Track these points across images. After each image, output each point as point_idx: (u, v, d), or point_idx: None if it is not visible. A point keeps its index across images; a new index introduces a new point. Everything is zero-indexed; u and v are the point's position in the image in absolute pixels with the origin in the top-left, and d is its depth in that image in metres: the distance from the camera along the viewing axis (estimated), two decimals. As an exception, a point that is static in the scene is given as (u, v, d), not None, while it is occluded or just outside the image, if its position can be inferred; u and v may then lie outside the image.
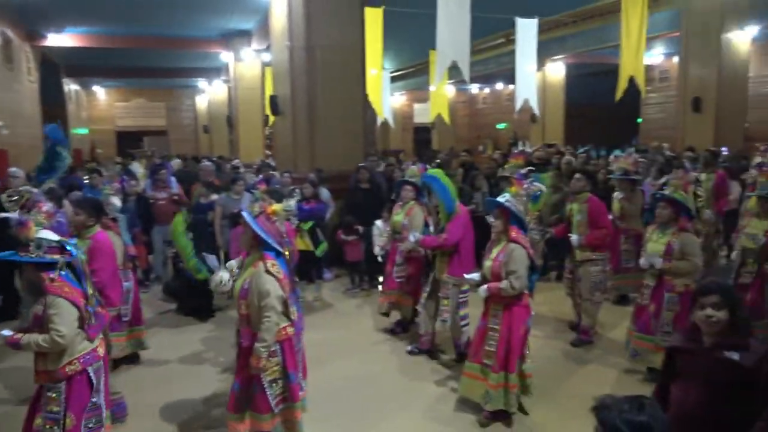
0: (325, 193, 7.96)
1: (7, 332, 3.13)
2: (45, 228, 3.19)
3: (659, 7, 12.67)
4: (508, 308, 4.02)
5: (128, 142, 24.57)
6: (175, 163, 12.52)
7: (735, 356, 2.34)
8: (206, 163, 10.29)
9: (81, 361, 3.11)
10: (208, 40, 16.82)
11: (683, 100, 12.96)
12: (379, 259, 7.44)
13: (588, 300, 5.49)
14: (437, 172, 5.38)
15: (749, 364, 2.32)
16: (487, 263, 4.14)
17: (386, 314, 6.01)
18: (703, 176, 7.37)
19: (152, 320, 6.39)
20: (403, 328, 6.04)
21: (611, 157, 7.53)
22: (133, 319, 5.04)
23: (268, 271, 3.39)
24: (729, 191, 7.67)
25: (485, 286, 4.06)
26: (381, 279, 7.63)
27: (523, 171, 5.49)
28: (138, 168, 9.35)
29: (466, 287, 4.99)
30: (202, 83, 24.38)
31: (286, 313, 3.49)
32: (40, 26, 14.88)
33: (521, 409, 4.17)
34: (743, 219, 5.10)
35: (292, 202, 3.87)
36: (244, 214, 3.60)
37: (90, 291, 3.20)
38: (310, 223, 6.74)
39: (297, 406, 3.55)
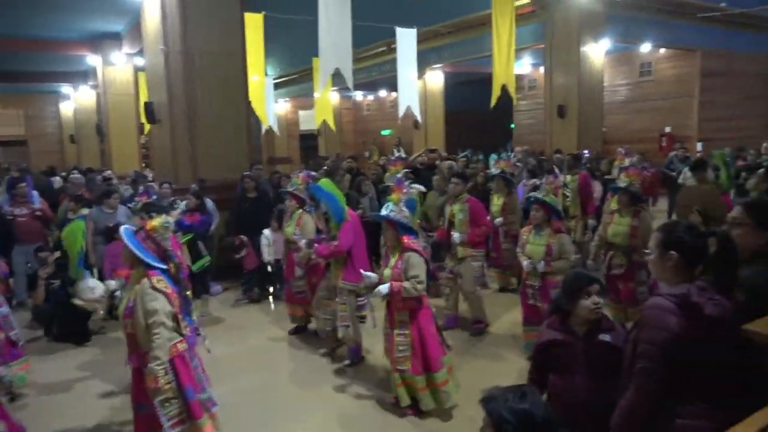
0: (209, 203, 7.67)
1: None
2: None
3: (526, 21, 13.65)
4: (414, 314, 4.12)
5: (-20, 153, 22.08)
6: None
7: (607, 338, 2.60)
8: (75, 174, 9.51)
9: None
10: (73, 41, 15.52)
11: (549, 107, 14.04)
12: (269, 268, 7.33)
13: (472, 293, 5.80)
14: (323, 182, 5.38)
15: (620, 343, 2.58)
16: (387, 272, 4.21)
17: (303, 325, 6.07)
18: (568, 178, 8.02)
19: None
20: (297, 331, 6.05)
21: (493, 160, 8.01)
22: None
23: (154, 287, 3.23)
24: (593, 190, 8.41)
25: (386, 285, 4.09)
26: (272, 289, 7.53)
27: (400, 175, 5.66)
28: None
29: (363, 291, 5.04)
30: (66, 89, 22.39)
31: (177, 329, 3.33)
32: None
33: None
34: (607, 216, 5.59)
35: (171, 219, 3.68)
36: (122, 231, 3.41)
37: None
38: (188, 236, 6.45)
39: (201, 423, 3.38)
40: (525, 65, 19.09)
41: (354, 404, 4.53)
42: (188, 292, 3.74)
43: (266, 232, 6.92)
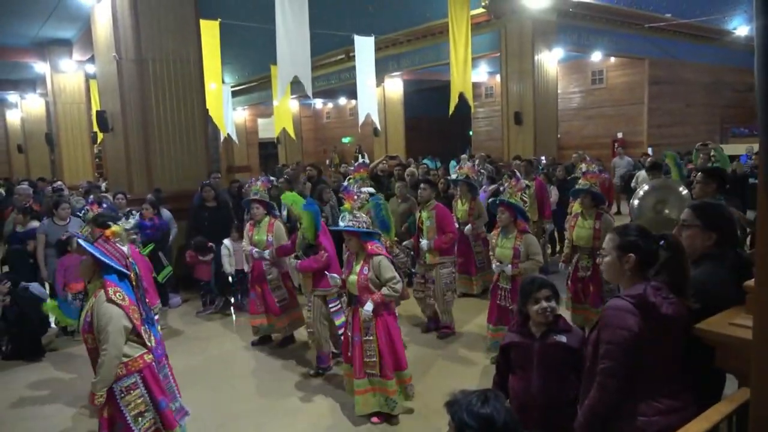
0: (166, 213, 7.51)
1: None
2: None
3: (481, 30, 13.91)
4: (380, 317, 4.11)
5: None
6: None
7: (563, 338, 2.67)
8: (22, 185, 9.15)
9: None
10: (19, 48, 14.96)
11: (506, 114, 14.32)
12: (230, 279, 7.22)
13: (442, 300, 5.85)
14: (290, 196, 5.35)
15: (575, 344, 2.66)
16: (351, 278, 4.18)
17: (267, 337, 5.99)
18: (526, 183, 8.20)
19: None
20: (262, 342, 5.98)
21: (466, 166, 8.11)
22: None
23: (109, 300, 3.11)
24: (548, 195, 8.62)
25: (370, 303, 4.02)
26: (233, 300, 7.41)
27: (344, 183, 5.70)
28: None
29: (334, 296, 5.01)
30: (13, 96, 21.51)
31: (140, 342, 3.22)
32: None
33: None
34: (570, 219, 5.72)
35: (131, 220, 3.61)
36: (80, 240, 3.31)
37: None
38: (150, 247, 6.30)
39: None
40: (482, 73, 19.42)
41: (321, 415, 4.47)
42: (148, 301, 3.63)
43: (227, 242, 6.82)
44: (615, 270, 2.33)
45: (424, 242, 5.79)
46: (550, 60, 14.04)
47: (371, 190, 5.46)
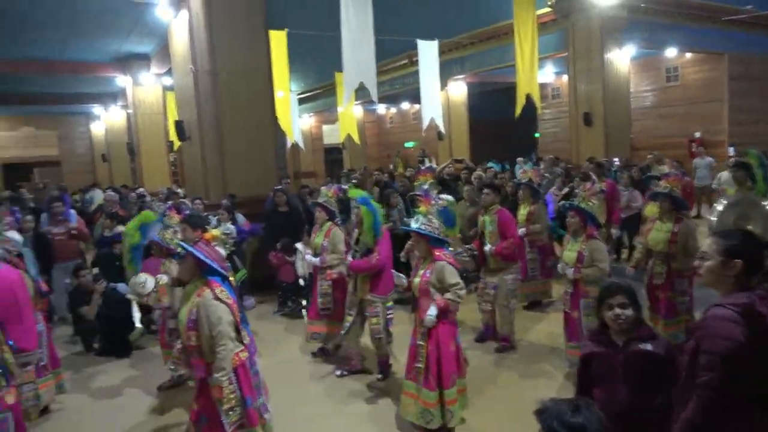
0: (240, 218, 7.79)
1: None
2: None
3: (547, 29, 13.62)
4: (435, 325, 4.01)
5: (16, 174, 22.74)
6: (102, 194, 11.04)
7: (648, 347, 2.55)
8: (109, 192, 9.74)
9: None
10: (103, 63, 15.97)
11: (575, 115, 13.94)
12: (301, 282, 7.40)
13: (505, 307, 5.74)
14: (357, 192, 5.45)
15: (662, 352, 2.54)
16: (416, 280, 4.18)
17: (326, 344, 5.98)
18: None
19: (63, 363, 5.89)
20: (324, 352, 5.97)
21: (523, 169, 7.98)
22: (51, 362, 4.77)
23: (217, 298, 3.28)
24: (619, 199, 8.33)
25: (433, 308, 3.96)
26: (304, 303, 7.58)
27: (425, 186, 5.67)
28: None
29: (390, 303, 5.06)
30: (97, 109, 23.03)
31: (238, 338, 3.39)
32: None
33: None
34: (646, 224, 5.50)
35: (230, 225, 3.82)
36: (182, 243, 3.51)
37: None
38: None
39: (256, 430, 3.43)
40: (548, 74, 19.01)
41: (387, 423, 4.47)
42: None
43: (299, 246, 6.99)
44: (716, 275, 2.22)
45: (486, 247, 5.72)
46: (621, 58, 13.57)
47: (449, 197, 5.40)
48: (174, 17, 9.69)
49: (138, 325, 6.79)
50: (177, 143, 12.15)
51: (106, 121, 22.65)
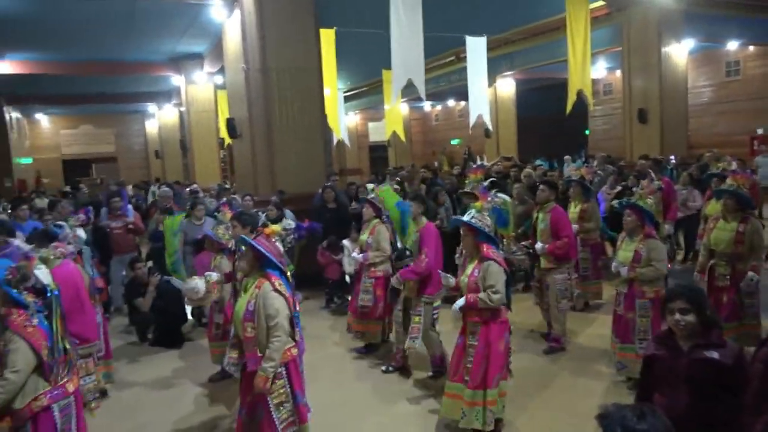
0: (289, 214, 7.88)
1: None
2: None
3: (601, 24, 13.25)
4: (486, 324, 3.95)
5: (76, 170, 23.80)
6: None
7: (715, 355, 2.42)
8: (164, 188, 10.04)
9: (48, 396, 2.98)
10: (158, 63, 16.50)
11: (628, 111, 13.52)
12: (347, 278, 7.44)
13: (555, 307, 5.62)
14: (386, 191, 5.46)
15: (729, 361, 2.41)
16: (463, 279, 4.12)
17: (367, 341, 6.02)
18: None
19: (118, 352, 6.15)
20: (367, 349, 5.99)
21: (570, 167, 7.80)
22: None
23: (276, 290, 3.35)
24: (675, 197, 8.04)
25: (461, 300, 4.00)
26: (350, 299, 7.63)
27: (486, 184, 5.62)
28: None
29: (437, 303, 5.04)
30: (152, 107, 23.87)
31: (291, 334, 3.44)
32: (-22, 54, 14.33)
33: (497, 427, 4.08)
34: (709, 223, 5.29)
35: (291, 221, 3.90)
36: (244, 236, 3.58)
37: (59, 330, 3.08)
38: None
39: (306, 427, 3.49)
40: (600, 69, 18.52)
41: (425, 423, 4.43)
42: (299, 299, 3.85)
43: (346, 242, 7.02)
44: None
45: (538, 245, 5.61)
46: (679, 52, 13.08)
47: (505, 197, 5.35)
48: (227, 17, 9.91)
49: (190, 317, 6.99)
50: (228, 140, 12.43)
51: (160, 118, 23.45)
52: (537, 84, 20.67)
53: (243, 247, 3.57)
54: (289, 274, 3.59)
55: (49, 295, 3.09)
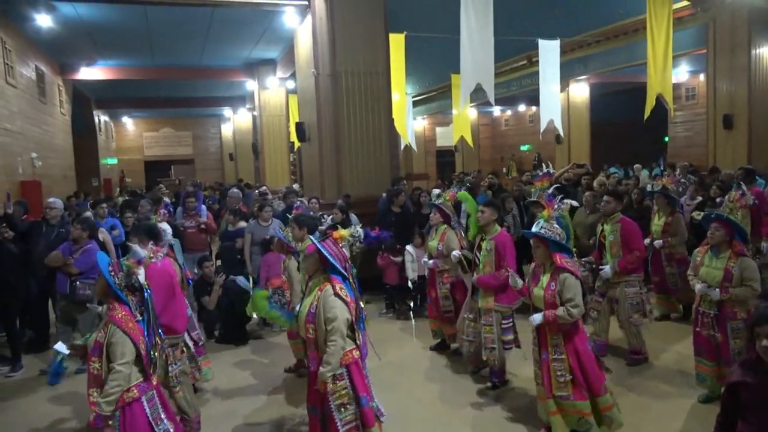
0: (353, 218, 7.94)
1: (61, 348, 3.44)
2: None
3: (683, 25, 12.55)
4: (569, 336, 3.87)
5: (156, 170, 25.11)
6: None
7: None
8: (233, 190, 10.37)
9: (138, 388, 3.11)
10: (234, 69, 17.16)
11: (712, 117, 12.73)
12: (410, 284, 7.39)
13: (627, 321, 5.34)
14: (463, 195, 5.38)
15: None
16: (538, 292, 3.99)
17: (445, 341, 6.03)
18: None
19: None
20: (440, 347, 6.03)
21: (644, 174, 7.39)
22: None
23: (336, 294, 3.39)
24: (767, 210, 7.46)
25: (540, 314, 3.92)
26: (412, 305, 7.58)
27: (550, 191, 5.42)
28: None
29: (509, 313, 4.92)
30: (227, 111, 24.86)
31: (352, 337, 3.47)
32: (71, 61, 15.38)
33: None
34: None
35: (359, 228, 3.90)
36: (312, 238, 3.63)
37: (153, 327, 3.23)
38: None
39: (373, 431, 3.48)
40: (682, 73, 17.54)
41: (496, 428, 4.37)
42: (362, 303, 3.83)
43: (409, 248, 6.98)
44: None
45: (606, 269, 5.36)
46: (771, 54, 12.17)
47: (573, 202, 5.16)
48: (300, 23, 10.13)
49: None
50: (297, 143, 12.71)
51: (234, 122, 24.34)
52: (612, 88, 19.87)
53: (303, 250, 3.61)
54: (352, 279, 3.58)
55: (146, 295, 3.23)
